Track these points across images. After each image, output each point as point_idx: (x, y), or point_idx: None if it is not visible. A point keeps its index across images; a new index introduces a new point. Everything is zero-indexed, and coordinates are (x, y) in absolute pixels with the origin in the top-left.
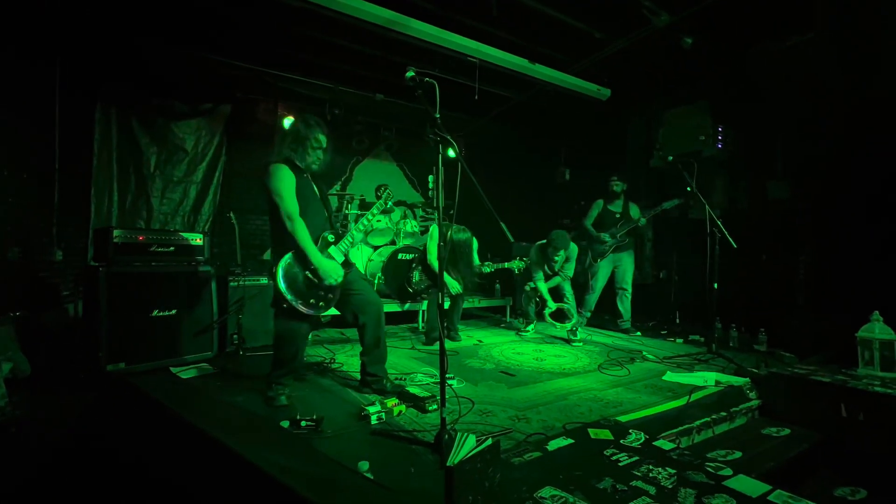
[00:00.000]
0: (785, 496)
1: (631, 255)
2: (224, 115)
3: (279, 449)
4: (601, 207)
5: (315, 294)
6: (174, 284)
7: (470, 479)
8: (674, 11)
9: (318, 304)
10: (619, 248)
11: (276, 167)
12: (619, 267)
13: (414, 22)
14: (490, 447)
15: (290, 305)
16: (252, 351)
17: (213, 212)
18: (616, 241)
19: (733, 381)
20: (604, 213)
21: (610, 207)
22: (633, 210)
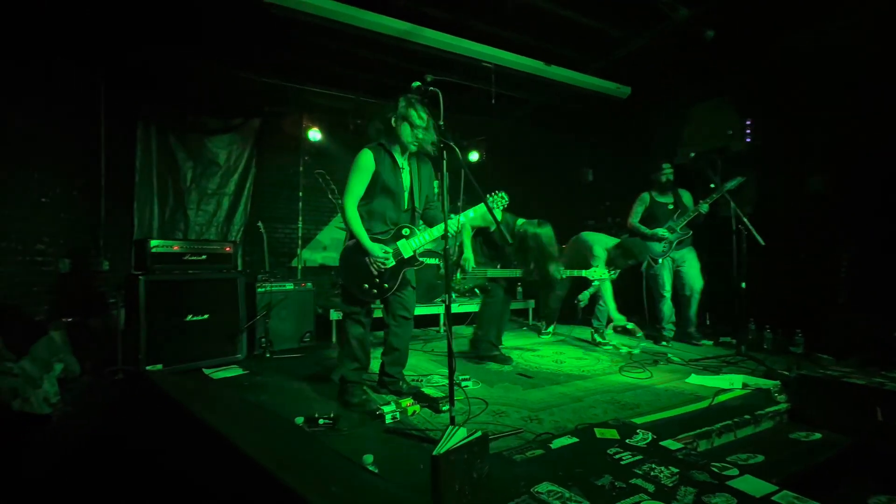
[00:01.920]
0: (791, 496)
1: (693, 251)
2: (254, 129)
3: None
4: (648, 202)
5: (370, 280)
6: (207, 291)
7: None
8: (693, 5)
9: (370, 292)
10: (680, 244)
11: (361, 153)
12: (683, 266)
13: (427, 31)
14: (478, 440)
15: (344, 288)
16: (279, 354)
17: (244, 222)
18: (677, 235)
19: (761, 384)
20: (653, 207)
21: (659, 199)
22: (687, 197)
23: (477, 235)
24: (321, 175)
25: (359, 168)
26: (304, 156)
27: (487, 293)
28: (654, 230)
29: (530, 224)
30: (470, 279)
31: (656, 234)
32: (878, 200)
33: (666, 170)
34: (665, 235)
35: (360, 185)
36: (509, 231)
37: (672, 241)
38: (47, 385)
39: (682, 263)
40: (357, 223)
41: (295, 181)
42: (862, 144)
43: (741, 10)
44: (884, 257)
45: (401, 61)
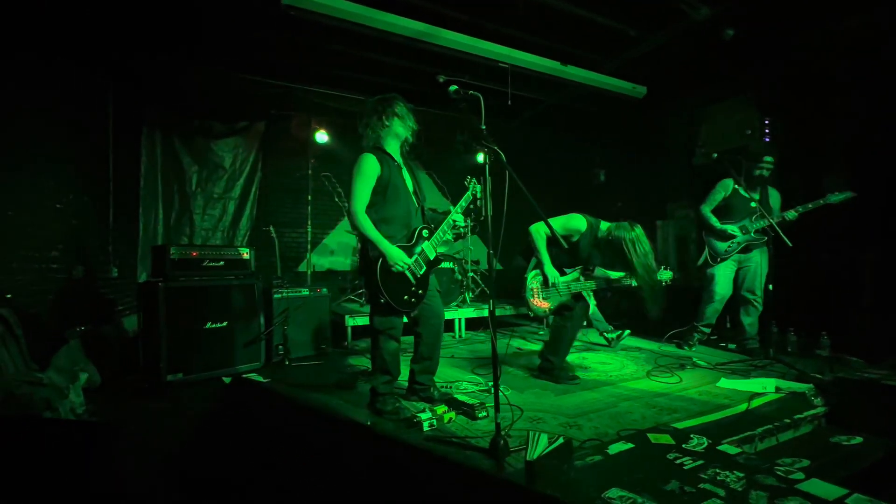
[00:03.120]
0: (864, 500)
1: (764, 252)
2: (259, 132)
3: None
4: (730, 190)
5: (409, 291)
6: (225, 297)
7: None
8: (715, 3)
9: (410, 302)
10: (749, 248)
11: (362, 157)
12: (749, 269)
13: (444, 32)
14: (563, 445)
15: (387, 301)
16: (297, 361)
17: (250, 226)
18: (748, 238)
19: (795, 388)
20: (733, 199)
21: (744, 193)
22: (774, 198)
23: (551, 245)
24: (328, 178)
25: (364, 172)
26: (311, 159)
27: (568, 311)
28: (724, 225)
29: (621, 227)
30: (553, 297)
31: (726, 231)
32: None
33: (767, 163)
34: (736, 233)
35: (367, 189)
36: (594, 237)
37: (740, 243)
38: (73, 395)
39: (748, 265)
40: (372, 228)
41: (302, 185)
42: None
43: (762, 8)
44: None
45: (412, 63)
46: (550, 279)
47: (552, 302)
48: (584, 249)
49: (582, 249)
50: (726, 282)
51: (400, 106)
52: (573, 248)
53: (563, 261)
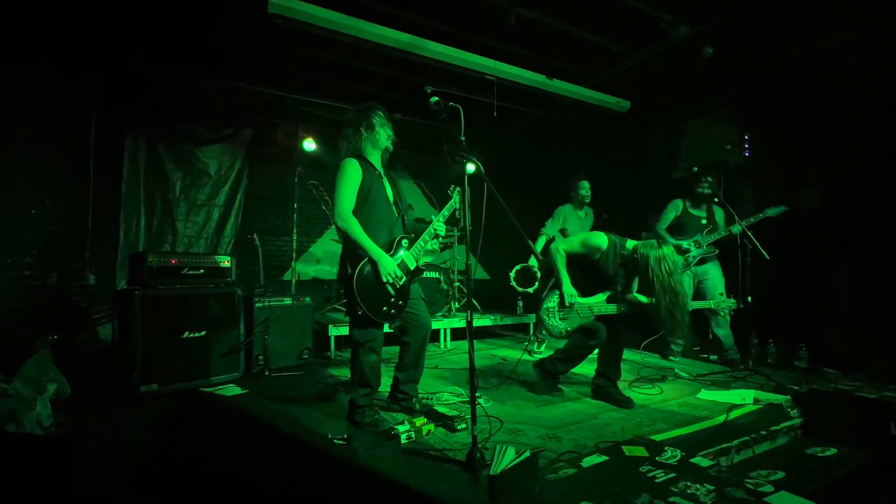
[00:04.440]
0: None
1: (718, 266)
2: (246, 139)
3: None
4: (680, 210)
5: (388, 302)
6: (204, 306)
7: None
8: (694, 23)
9: (389, 313)
10: (704, 261)
11: (344, 162)
12: (706, 282)
13: (430, 44)
14: (529, 458)
15: (364, 313)
16: (277, 371)
17: (235, 234)
18: (702, 252)
19: (773, 399)
20: (684, 218)
21: (693, 211)
22: (720, 214)
23: (572, 264)
24: (315, 186)
25: (348, 176)
26: (298, 167)
27: (591, 334)
28: (679, 241)
29: (648, 245)
30: (573, 318)
31: (681, 246)
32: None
33: (704, 184)
34: (690, 248)
35: (352, 194)
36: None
37: (695, 256)
38: (40, 407)
39: (706, 279)
40: (361, 231)
41: (288, 192)
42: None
43: (739, 28)
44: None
45: (400, 73)
46: (567, 299)
47: (570, 324)
48: (610, 269)
49: (605, 269)
50: (689, 293)
51: (378, 116)
52: (595, 268)
53: (587, 282)
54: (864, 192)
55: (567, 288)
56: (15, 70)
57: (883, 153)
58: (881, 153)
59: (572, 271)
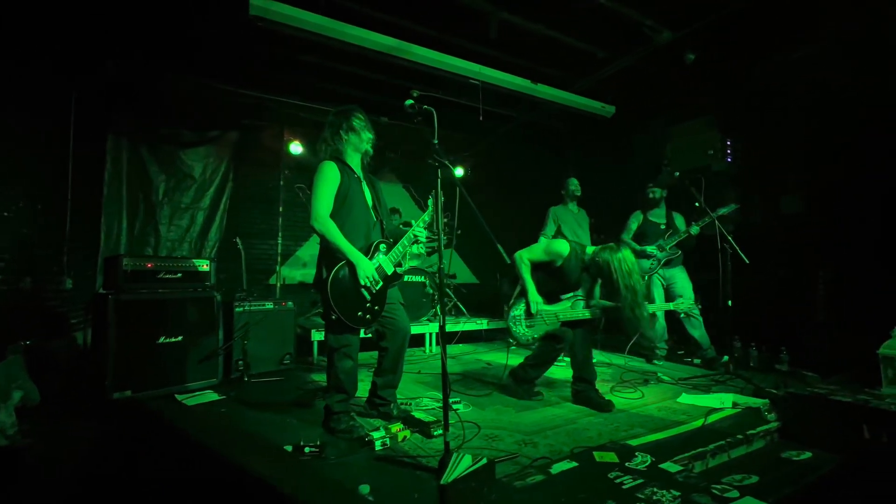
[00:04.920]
0: None
1: (683, 270)
2: (231, 142)
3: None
4: (641, 219)
5: (363, 307)
6: (181, 311)
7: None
8: (676, 29)
9: (365, 318)
10: (669, 264)
11: (322, 164)
12: (675, 285)
13: (415, 48)
14: (484, 467)
15: (339, 318)
16: (257, 377)
17: (219, 237)
18: (666, 255)
19: (751, 403)
20: (645, 226)
21: (651, 218)
22: (679, 219)
23: (537, 271)
24: (301, 189)
25: (326, 178)
26: (284, 170)
27: (557, 339)
28: (643, 247)
29: (607, 248)
30: (539, 325)
31: (645, 251)
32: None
33: (650, 190)
34: (654, 253)
35: (329, 195)
36: (580, 260)
37: (660, 259)
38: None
39: (673, 283)
40: (338, 234)
41: (274, 196)
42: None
43: (719, 35)
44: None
45: (387, 77)
46: (533, 307)
47: (537, 331)
48: (572, 274)
49: (569, 274)
50: (660, 297)
51: (358, 118)
52: (558, 274)
53: (551, 287)
54: (843, 198)
55: (533, 296)
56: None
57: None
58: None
59: (537, 278)
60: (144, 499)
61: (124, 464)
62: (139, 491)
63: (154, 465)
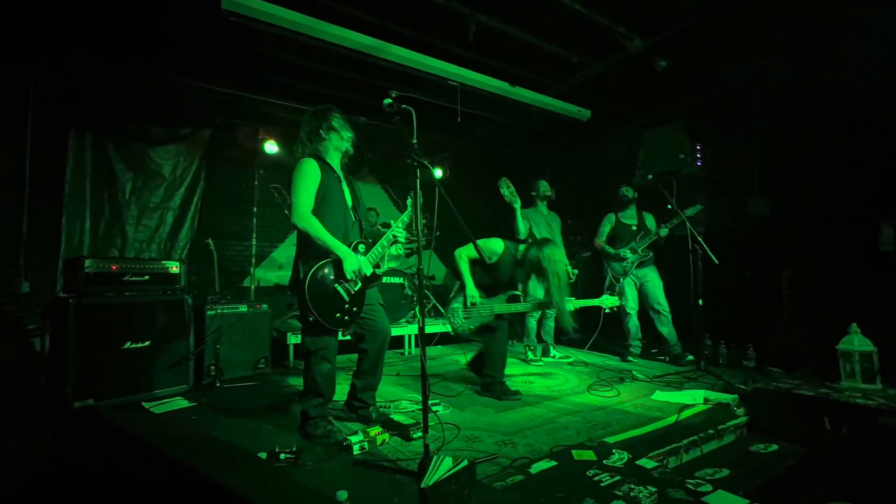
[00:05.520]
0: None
1: (655, 270)
2: (204, 140)
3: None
4: (614, 221)
5: (341, 308)
6: (149, 315)
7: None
8: (646, 37)
9: (343, 320)
10: (642, 264)
11: (303, 161)
12: (647, 284)
13: (394, 48)
14: (465, 469)
15: (316, 319)
16: (230, 382)
17: (190, 238)
18: (638, 256)
19: (721, 399)
20: (618, 227)
21: (623, 220)
22: (650, 220)
23: (475, 266)
24: (277, 189)
25: (306, 175)
26: (259, 169)
27: (492, 331)
28: (617, 250)
29: (535, 245)
30: (475, 317)
31: (619, 254)
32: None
33: (624, 190)
34: (627, 255)
35: (311, 192)
36: (513, 257)
37: (633, 261)
38: None
39: (646, 282)
40: (322, 230)
41: (249, 196)
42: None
43: (688, 44)
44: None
45: (366, 77)
46: (469, 300)
47: (473, 322)
48: (505, 270)
49: (502, 271)
50: (633, 297)
51: (336, 118)
52: (493, 269)
53: (488, 282)
54: (804, 201)
55: (470, 290)
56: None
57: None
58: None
59: (475, 272)
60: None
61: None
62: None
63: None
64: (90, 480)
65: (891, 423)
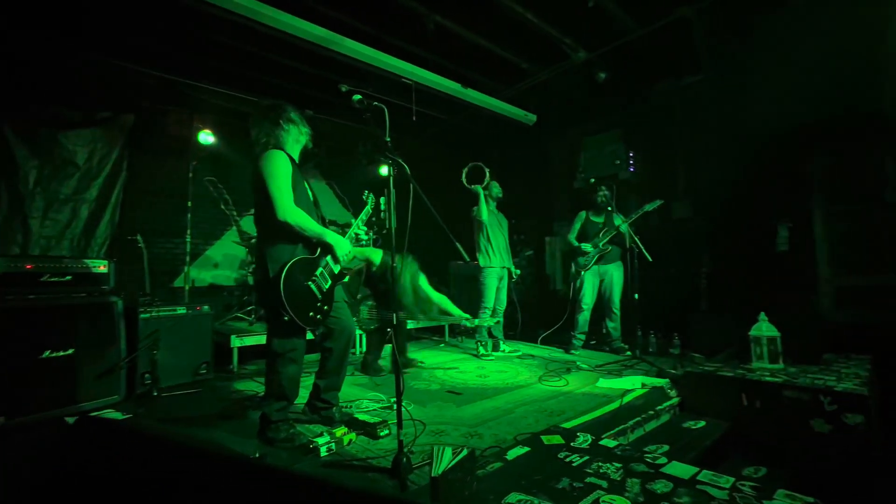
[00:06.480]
0: (710, 475)
1: (619, 267)
2: (126, 126)
3: None
4: (584, 219)
5: (314, 307)
6: (72, 320)
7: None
8: (590, 49)
9: (315, 318)
10: (604, 260)
11: (272, 154)
12: (607, 280)
13: (348, 41)
14: (467, 457)
15: (291, 318)
16: (168, 391)
17: (110, 234)
18: (598, 251)
19: (656, 383)
20: (587, 225)
21: (593, 218)
22: (617, 219)
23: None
24: (212, 182)
25: (280, 167)
26: (193, 160)
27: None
28: (580, 244)
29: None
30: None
31: (580, 248)
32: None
33: (600, 192)
34: (588, 249)
35: (289, 186)
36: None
37: (594, 255)
38: None
39: (606, 278)
40: (310, 221)
41: (181, 189)
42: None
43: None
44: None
45: (315, 69)
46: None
47: (373, 323)
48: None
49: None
50: (592, 292)
51: (294, 111)
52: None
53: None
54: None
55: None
56: None
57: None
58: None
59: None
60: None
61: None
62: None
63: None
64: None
65: (792, 395)
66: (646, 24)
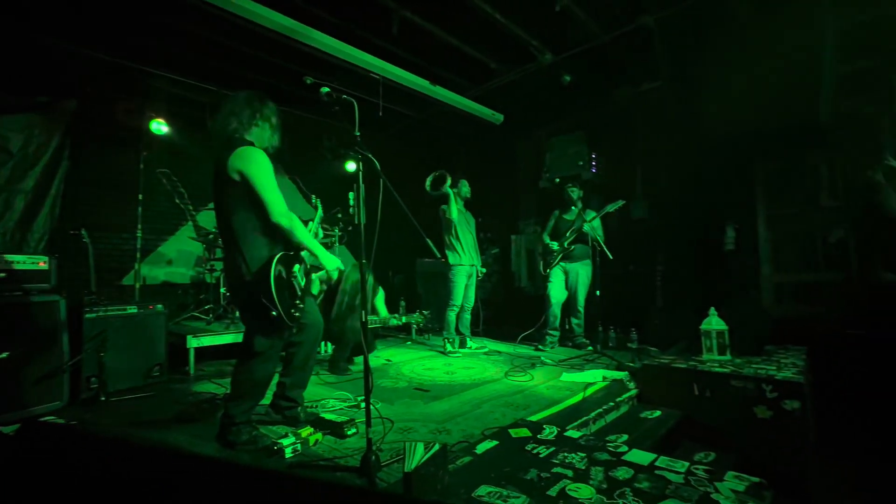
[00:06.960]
0: (667, 461)
1: (586, 265)
2: (67, 112)
3: None
4: (556, 217)
5: (294, 304)
6: (8, 320)
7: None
8: (556, 52)
9: (295, 316)
10: (570, 258)
11: (255, 151)
12: (572, 278)
13: (314, 32)
14: (439, 452)
15: (280, 315)
16: (117, 395)
17: (49, 228)
18: (562, 250)
19: (616, 376)
20: (559, 223)
21: (565, 217)
22: (588, 215)
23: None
24: (166, 175)
25: (267, 167)
26: (143, 151)
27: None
28: (551, 242)
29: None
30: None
31: (548, 246)
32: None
33: (570, 189)
34: (554, 247)
35: (277, 186)
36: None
37: (558, 252)
38: None
39: (572, 276)
40: (307, 234)
41: (131, 181)
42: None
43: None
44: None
45: (278, 59)
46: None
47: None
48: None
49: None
50: (559, 288)
51: (269, 106)
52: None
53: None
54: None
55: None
56: None
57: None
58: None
59: None
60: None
61: None
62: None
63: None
64: None
65: (738, 384)
66: (609, 31)
